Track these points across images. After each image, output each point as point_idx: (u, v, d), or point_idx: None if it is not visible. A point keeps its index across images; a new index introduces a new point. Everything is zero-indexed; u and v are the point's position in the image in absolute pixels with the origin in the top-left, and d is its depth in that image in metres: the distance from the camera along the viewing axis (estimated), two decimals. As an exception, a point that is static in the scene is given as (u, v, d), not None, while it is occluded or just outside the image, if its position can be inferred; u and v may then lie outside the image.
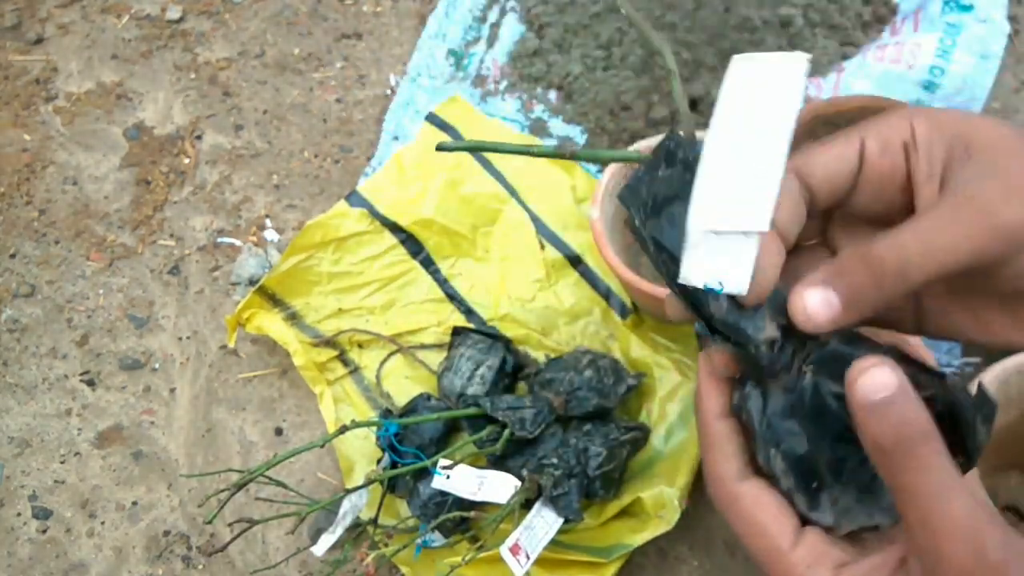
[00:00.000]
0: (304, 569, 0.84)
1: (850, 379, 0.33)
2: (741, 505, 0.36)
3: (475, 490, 0.74)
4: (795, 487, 0.35)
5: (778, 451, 0.34)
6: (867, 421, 0.32)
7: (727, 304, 0.35)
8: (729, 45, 1.11)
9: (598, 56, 1.12)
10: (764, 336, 0.35)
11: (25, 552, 0.86)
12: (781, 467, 0.35)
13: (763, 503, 0.35)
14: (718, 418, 0.37)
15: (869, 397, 0.32)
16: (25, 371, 0.97)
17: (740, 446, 0.37)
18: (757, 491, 0.36)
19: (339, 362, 0.94)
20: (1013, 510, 0.84)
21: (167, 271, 1.03)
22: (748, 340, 0.34)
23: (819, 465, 0.34)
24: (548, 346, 0.93)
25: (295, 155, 1.12)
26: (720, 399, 0.37)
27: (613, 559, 0.78)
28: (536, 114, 1.11)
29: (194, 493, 0.89)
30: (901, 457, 0.31)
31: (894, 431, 0.31)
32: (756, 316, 0.35)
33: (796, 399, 0.34)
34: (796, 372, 0.34)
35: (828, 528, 0.35)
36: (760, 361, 0.35)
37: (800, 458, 0.34)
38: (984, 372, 0.76)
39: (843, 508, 0.35)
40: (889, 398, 0.31)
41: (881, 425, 0.31)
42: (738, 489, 0.36)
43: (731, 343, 0.35)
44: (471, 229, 1.00)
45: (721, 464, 0.37)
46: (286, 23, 1.24)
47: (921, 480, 0.31)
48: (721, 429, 0.37)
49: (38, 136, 1.15)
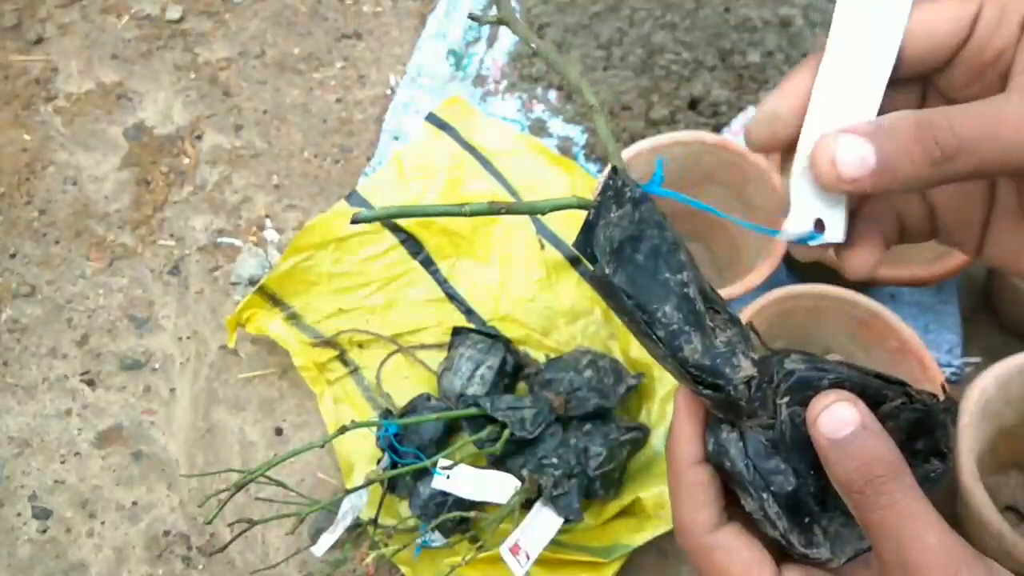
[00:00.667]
0: (304, 569, 0.84)
1: (811, 417, 0.31)
2: (714, 558, 0.34)
3: (475, 490, 0.74)
4: (789, 527, 0.33)
5: (769, 494, 0.33)
6: (832, 459, 0.31)
7: (701, 346, 0.33)
8: (729, 45, 1.11)
9: (598, 56, 1.12)
10: (742, 375, 0.33)
11: (25, 552, 0.86)
12: (775, 511, 0.33)
13: (736, 554, 0.34)
14: (692, 465, 0.35)
15: (832, 435, 0.31)
16: (25, 371, 0.97)
17: (716, 495, 0.35)
18: (731, 540, 0.34)
19: (339, 362, 0.94)
20: (1013, 510, 0.84)
21: (167, 271, 1.03)
22: (727, 381, 0.33)
23: (806, 497, 0.33)
24: (548, 346, 0.93)
25: (295, 155, 1.12)
26: (695, 445, 0.35)
27: (613, 559, 0.78)
28: (536, 114, 1.11)
29: (194, 493, 0.89)
30: (871, 495, 0.30)
31: (861, 469, 0.30)
32: (733, 356, 0.34)
33: (776, 435, 0.33)
34: (772, 407, 0.33)
35: (827, 560, 0.34)
36: (739, 401, 0.33)
37: (789, 495, 0.33)
38: (984, 372, 0.76)
39: (834, 536, 0.34)
40: (852, 435, 0.30)
41: (847, 463, 0.30)
42: (710, 541, 0.34)
43: (708, 388, 0.34)
44: (471, 229, 1.00)
45: (694, 513, 0.35)
46: (286, 23, 1.24)
47: (893, 517, 0.30)
48: (696, 476, 0.35)
49: (38, 136, 1.15)
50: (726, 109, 1.08)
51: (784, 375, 0.33)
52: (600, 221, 0.33)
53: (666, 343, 0.33)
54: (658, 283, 0.33)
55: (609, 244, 0.33)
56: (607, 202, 0.33)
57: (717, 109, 1.08)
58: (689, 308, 0.33)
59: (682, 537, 0.35)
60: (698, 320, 0.33)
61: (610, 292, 0.33)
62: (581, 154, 1.07)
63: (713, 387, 0.34)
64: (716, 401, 0.34)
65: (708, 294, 0.35)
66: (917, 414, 0.33)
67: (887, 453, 0.30)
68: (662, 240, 0.33)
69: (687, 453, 0.35)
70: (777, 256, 0.82)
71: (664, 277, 0.33)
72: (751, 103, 1.08)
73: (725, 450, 0.34)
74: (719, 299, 0.35)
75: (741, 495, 0.34)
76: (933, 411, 0.33)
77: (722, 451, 0.34)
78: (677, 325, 0.33)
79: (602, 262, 0.33)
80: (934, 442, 0.34)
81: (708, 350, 0.33)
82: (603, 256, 0.33)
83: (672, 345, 0.33)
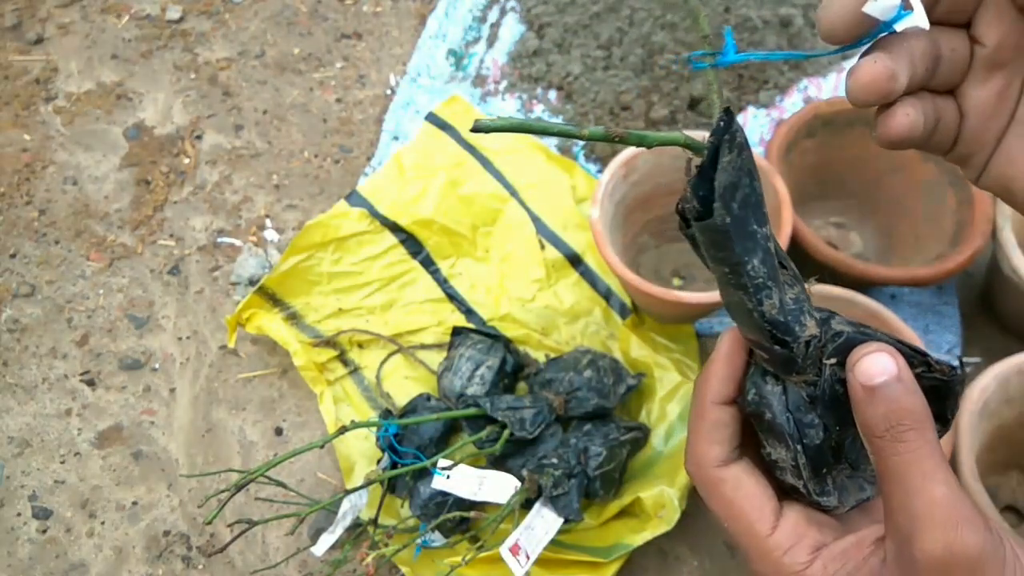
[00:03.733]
0: (304, 569, 0.84)
1: (851, 362, 0.33)
2: (722, 489, 0.36)
3: (475, 490, 0.74)
4: (810, 476, 0.35)
5: (802, 446, 0.35)
6: (863, 403, 0.32)
7: (779, 302, 0.34)
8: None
9: (598, 56, 1.12)
10: (807, 334, 0.34)
11: (25, 552, 0.86)
12: (803, 461, 0.35)
13: (744, 487, 0.36)
14: (716, 404, 0.37)
15: (868, 380, 0.32)
16: (25, 371, 0.97)
17: (732, 434, 0.37)
18: (738, 475, 0.36)
19: (339, 362, 0.94)
20: (1013, 510, 0.84)
21: (167, 271, 1.03)
22: (795, 338, 0.34)
23: (827, 451, 0.35)
24: (548, 346, 0.93)
25: (295, 155, 1.12)
26: (724, 387, 0.37)
27: (613, 559, 0.78)
28: (536, 114, 1.11)
29: (194, 493, 0.89)
30: (891, 441, 0.32)
31: (887, 415, 0.32)
32: (801, 315, 0.34)
33: (818, 392, 0.35)
34: (818, 366, 0.35)
35: (834, 508, 0.36)
36: (798, 359, 0.34)
37: (816, 448, 0.35)
38: (984, 372, 0.76)
39: (840, 486, 0.36)
40: (886, 382, 0.32)
41: (876, 408, 0.32)
42: (720, 474, 0.36)
43: (777, 343, 0.34)
44: (471, 229, 1.00)
45: (708, 447, 0.37)
46: (286, 23, 1.24)
47: (906, 465, 0.31)
48: (718, 415, 0.37)
49: (38, 136, 1.15)
50: (726, 109, 1.08)
51: (832, 336, 0.34)
52: (712, 165, 0.32)
53: (754, 296, 0.33)
54: (748, 235, 0.32)
55: (720, 190, 0.31)
56: (724, 145, 0.31)
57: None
58: (771, 263, 0.33)
59: (693, 468, 0.37)
60: (776, 276, 0.33)
61: (721, 241, 0.32)
62: (581, 154, 1.07)
63: (781, 343, 0.34)
64: (779, 357, 0.34)
65: (779, 249, 0.35)
66: (934, 382, 0.35)
67: (915, 405, 0.32)
68: (752, 190, 0.32)
69: (715, 392, 0.37)
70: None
71: (753, 229, 0.32)
72: (751, 103, 1.09)
73: (768, 401, 0.35)
74: (785, 255, 0.36)
75: (772, 443, 0.36)
76: (950, 381, 0.35)
77: (764, 401, 0.35)
78: (762, 279, 0.33)
79: (720, 208, 0.32)
80: (943, 408, 0.35)
81: (783, 306, 0.34)
82: (721, 202, 0.32)
83: (757, 298, 0.33)
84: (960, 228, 0.90)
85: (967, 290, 0.97)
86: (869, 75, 0.31)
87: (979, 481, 0.70)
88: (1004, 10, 0.34)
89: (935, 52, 0.34)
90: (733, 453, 0.37)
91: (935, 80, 0.35)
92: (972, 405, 0.74)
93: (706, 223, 0.32)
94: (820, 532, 0.35)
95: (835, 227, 1.02)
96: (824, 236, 1.00)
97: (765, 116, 1.07)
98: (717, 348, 0.37)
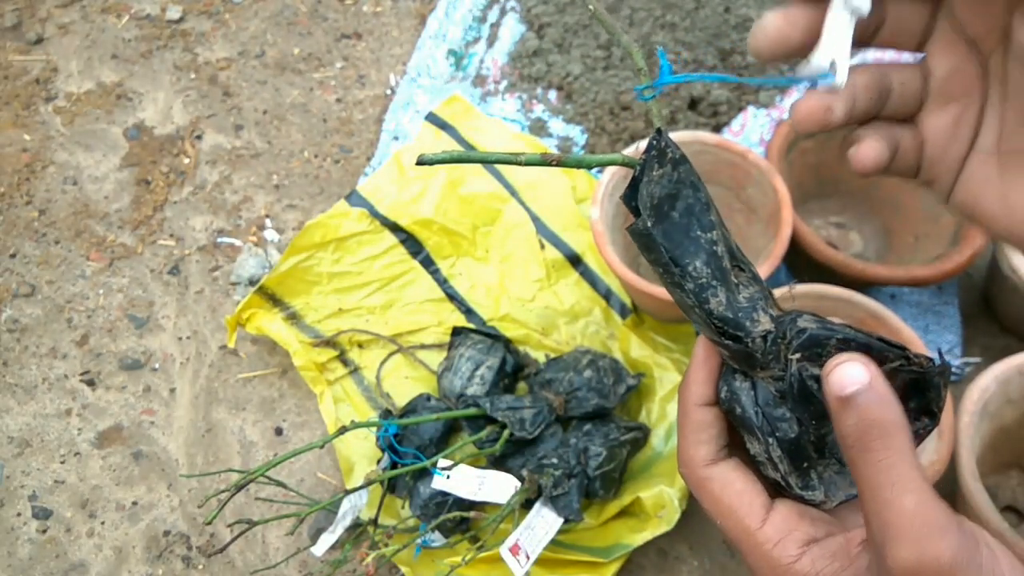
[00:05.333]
0: (304, 569, 0.84)
1: (825, 371, 0.34)
2: (710, 487, 0.37)
3: (475, 490, 0.74)
4: (789, 470, 0.36)
5: (775, 439, 0.36)
6: (836, 413, 0.33)
7: (726, 300, 0.36)
8: (729, 45, 1.11)
9: (598, 56, 1.12)
10: (760, 329, 0.36)
11: (25, 552, 0.86)
12: (777, 454, 0.36)
13: (732, 484, 0.37)
14: (699, 406, 0.38)
15: (840, 391, 0.33)
16: (25, 371, 0.97)
17: (717, 434, 0.38)
18: (726, 473, 0.37)
19: (339, 362, 0.94)
20: (1013, 510, 0.84)
21: (167, 271, 1.03)
22: (747, 333, 0.36)
23: (806, 444, 0.36)
24: (548, 346, 0.93)
25: (295, 155, 1.12)
26: (704, 388, 0.38)
27: (613, 559, 0.78)
28: (536, 114, 1.11)
29: (194, 493, 0.89)
30: (863, 450, 0.32)
31: (858, 425, 0.32)
32: (753, 311, 0.36)
33: (785, 387, 0.36)
34: (783, 361, 0.36)
35: (821, 502, 0.37)
36: (755, 353, 0.36)
37: (791, 441, 0.36)
38: (984, 372, 0.76)
39: (828, 481, 0.37)
40: (858, 391, 0.32)
41: (850, 417, 0.33)
42: (708, 472, 0.37)
43: (729, 339, 0.36)
44: (471, 229, 1.00)
45: (694, 448, 0.38)
46: (286, 23, 1.24)
47: (877, 474, 0.32)
48: (701, 416, 0.38)
49: (38, 136, 1.15)
50: (726, 109, 1.08)
51: (796, 332, 0.35)
52: (644, 178, 0.36)
53: (694, 295, 0.36)
54: (691, 239, 0.36)
55: (650, 200, 0.35)
56: (651, 160, 0.36)
57: (717, 109, 1.08)
58: (717, 264, 0.36)
59: (684, 468, 0.39)
60: (724, 276, 0.36)
61: (649, 244, 0.36)
62: (581, 154, 1.07)
63: (733, 338, 0.36)
64: (734, 351, 0.36)
65: (735, 253, 0.37)
66: (914, 375, 0.36)
67: (884, 415, 0.32)
68: (696, 200, 0.36)
69: (696, 395, 0.38)
70: (777, 257, 0.82)
71: (696, 234, 0.36)
72: (751, 103, 1.09)
73: (737, 397, 0.37)
74: (745, 258, 0.38)
75: (748, 439, 0.37)
76: (928, 374, 0.36)
77: (734, 398, 0.37)
78: (705, 279, 0.36)
79: (644, 216, 0.36)
80: (927, 402, 0.37)
81: (731, 304, 0.36)
82: (645, 211, 0.36)
83: (700, 297, 0.36)
84: (960, 228, 0.90)
85: (967, 290, 0.97)
86: (806, 109, 0.36)
87: (979, 481, 0.70)
88: (953, 41, 0.37)
89: (882, 85, 0.37)
90: (721, 452, 0.38)
91: (888, 109, 0.38)
92: (972, 405, 0.74)
93: (632, 228, 0.36)
94: (812, 526, 0.36)
95: (835, 227, 1.02)
96: (824, 236, 1.00)
97: (765, 116, 1.07)
98: (695, 352, 0.39)
